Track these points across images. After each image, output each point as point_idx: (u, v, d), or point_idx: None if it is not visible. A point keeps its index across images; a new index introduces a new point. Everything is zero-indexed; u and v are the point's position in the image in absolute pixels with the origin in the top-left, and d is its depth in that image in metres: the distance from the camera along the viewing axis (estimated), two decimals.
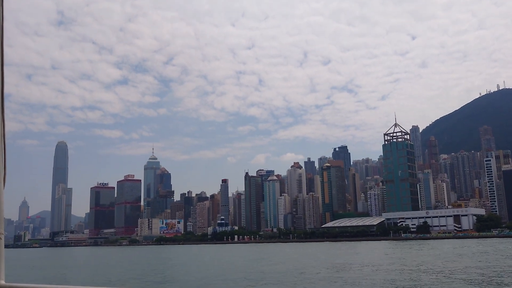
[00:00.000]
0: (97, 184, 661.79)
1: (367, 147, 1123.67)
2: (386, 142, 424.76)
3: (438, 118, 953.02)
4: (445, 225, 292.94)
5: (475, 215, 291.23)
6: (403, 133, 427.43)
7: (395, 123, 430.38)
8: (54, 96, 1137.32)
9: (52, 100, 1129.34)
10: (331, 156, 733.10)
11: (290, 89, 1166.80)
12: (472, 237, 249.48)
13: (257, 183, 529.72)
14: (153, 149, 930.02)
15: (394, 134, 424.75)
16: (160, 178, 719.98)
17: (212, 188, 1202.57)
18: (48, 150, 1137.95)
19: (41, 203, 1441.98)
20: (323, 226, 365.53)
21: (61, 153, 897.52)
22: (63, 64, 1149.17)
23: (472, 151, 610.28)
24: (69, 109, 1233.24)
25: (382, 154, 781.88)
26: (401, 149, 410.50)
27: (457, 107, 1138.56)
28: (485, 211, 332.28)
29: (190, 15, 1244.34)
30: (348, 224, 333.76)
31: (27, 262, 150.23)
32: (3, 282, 4.01)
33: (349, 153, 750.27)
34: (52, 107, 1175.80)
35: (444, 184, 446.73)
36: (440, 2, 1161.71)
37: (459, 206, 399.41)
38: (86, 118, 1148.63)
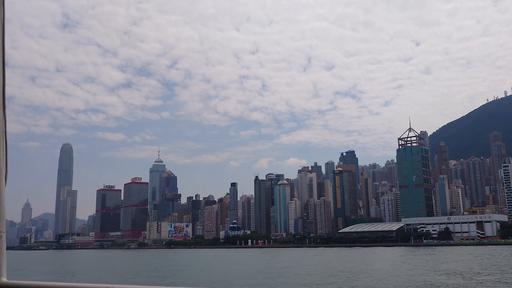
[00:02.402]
0: (104, 186, 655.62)
1: (370, 153, 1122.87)
2: (401, 147, 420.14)
3: (445, 124, 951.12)
4: (467, 231, 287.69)
5: (498, 221, 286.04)
6: (417, 138, 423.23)
7: (410, 128, 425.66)
8: (58, 99, 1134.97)
9: (56, 102, 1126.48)
10: (337, 161, 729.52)
11: (293, 94, 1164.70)
12: (498, 243, 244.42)
13: (267, 187, 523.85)
14: (159, 152, 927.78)
15: (409, 139, 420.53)
16: (166, 181, 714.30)
17: (216, 192, 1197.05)
18: (51, 153, 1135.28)
19: (43, 205, 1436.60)
20: (340, 231, 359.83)
21: (66, 155, 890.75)
22: (67, 66, 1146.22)
23: (482, 157, 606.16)
24: (73, 112, 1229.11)
25: (387, 159, 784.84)
26: (416, 154, 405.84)
27: (460, 113, 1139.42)
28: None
29: (195, 19, 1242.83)
30: (366, 230, 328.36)
31: (46, 266, 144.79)
32: (5, 280, 4.08)
33: (357, 158, 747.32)
34: (55, 109, 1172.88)
35: (460, 190, 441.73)
36: (444, 8, 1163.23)
37: (475, 212, 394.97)
38: (89, 121, 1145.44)
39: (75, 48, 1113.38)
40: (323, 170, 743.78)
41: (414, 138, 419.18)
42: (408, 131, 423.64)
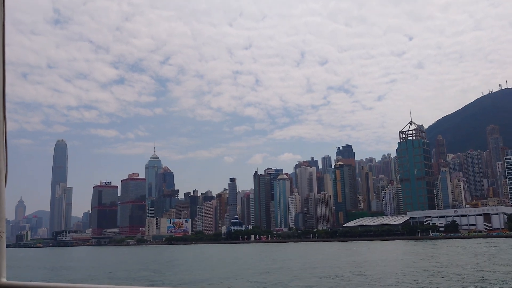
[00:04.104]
0: (100, 183, 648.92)
1: (363, 148, 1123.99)
2: (401, 140, 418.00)
3: (440, 118, 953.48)
4: (474, 224, 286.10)
5: (505, 213, 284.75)
6: (418, 131, 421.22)
7: (411, 121, 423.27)
8: (50, 95, 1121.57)
9: (48, 99, 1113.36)
10: (333, 155, 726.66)
11: (286, 89, 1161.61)
12: (507, 236, 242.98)
13: (266, 182, 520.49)
14: (154, 148, 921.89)
15: (410, 132, 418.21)
16: (162, 177, 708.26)
17: (212, 188, 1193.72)
18: (43, 149, 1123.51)
19: (37, 202, 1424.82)
20: (344, 225, 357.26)
21: (60, 152, 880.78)
22: (59, 63, 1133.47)
23: (479, 151, 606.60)
24: (65, 109, 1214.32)
25: (383, 154, 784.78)
26: (417, 147, 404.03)
27: (453, 107, 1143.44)
28: None
29: (188, 15, 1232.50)
30: (371, 223, 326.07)
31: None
32: (4, 280, 4.01)
33: (354, 152, 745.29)
34: (47, 106, 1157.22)
35: (461, 183, 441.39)
36: (437, 3, 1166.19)
37: (476, 205, 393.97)
38: (82, 117, 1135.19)
39: (67, 44, 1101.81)
40: (320, 165, 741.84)
41: (415, 131, 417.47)
42: (409, 124, 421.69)
